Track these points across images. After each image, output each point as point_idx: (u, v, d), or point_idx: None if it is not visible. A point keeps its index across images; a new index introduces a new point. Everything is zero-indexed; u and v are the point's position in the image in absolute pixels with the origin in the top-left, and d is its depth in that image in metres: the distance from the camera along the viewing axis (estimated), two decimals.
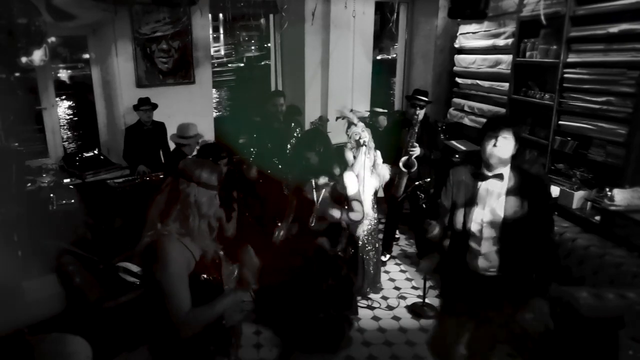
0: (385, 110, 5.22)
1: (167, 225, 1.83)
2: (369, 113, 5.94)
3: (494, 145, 2.35)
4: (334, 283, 3.20)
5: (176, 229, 1.83)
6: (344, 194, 3.25)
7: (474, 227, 2.47)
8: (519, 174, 2.45)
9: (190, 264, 1.84)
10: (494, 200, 2.44)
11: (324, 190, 3.18)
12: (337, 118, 4.18)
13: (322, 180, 3.15)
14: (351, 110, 4.40)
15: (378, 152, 4.03)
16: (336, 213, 3.14)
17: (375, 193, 4.07)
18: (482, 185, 2.46)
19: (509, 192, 2.42)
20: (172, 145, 4.48)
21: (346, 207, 3.24)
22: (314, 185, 3.18)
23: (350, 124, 3.99)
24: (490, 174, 2.43)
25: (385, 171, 4.00)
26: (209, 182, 1.86)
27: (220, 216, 2.06)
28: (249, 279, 1.93)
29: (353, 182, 3.33)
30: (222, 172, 1.97)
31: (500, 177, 2.42)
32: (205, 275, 1.91)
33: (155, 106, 4.75)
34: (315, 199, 3.13)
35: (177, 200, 1.83)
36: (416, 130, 4.20)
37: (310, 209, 3.08)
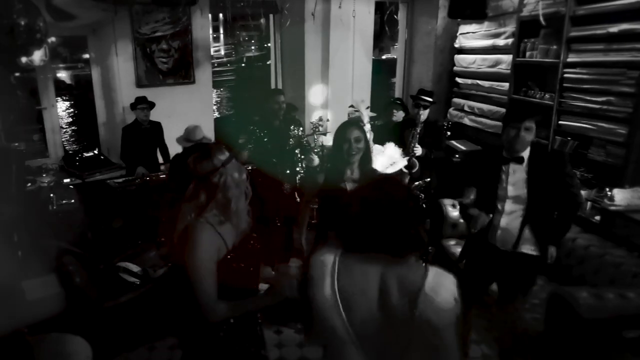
0: (403, 105, 5.06)
1: (205, 217, 1.83)
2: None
3: (517, 135, 2.59)
4: None
5: (214, 217, 1.83)
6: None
7: (498, 204, 2.73)
8: (538, 154, 2.69)
9: (221, 252, 1.83)
10: (515, 179, 2.68)
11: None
12: (351, 106, 4.16)
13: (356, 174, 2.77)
14: (368, 108, 4.38)
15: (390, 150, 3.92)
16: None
17: None
18: (504, 167, 2.71)
19: (530, 172, 2.66)
20: (171, 143, 4.47)
21: None
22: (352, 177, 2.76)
23: (359, 121, 3.97)
24: (510, 157, 2.68)
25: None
26: (227, 157, 1.86)
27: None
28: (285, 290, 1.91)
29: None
30: (221, 142, 1.94)
31: (520, 160, 2.66)
32: (241, 263, 1.90)
33: (152, 105, 4.74)
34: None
35: (216, 192, 1.83)
36: (418, 131, 4.18)
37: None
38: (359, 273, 1.43)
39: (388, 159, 3.81)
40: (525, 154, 2.68)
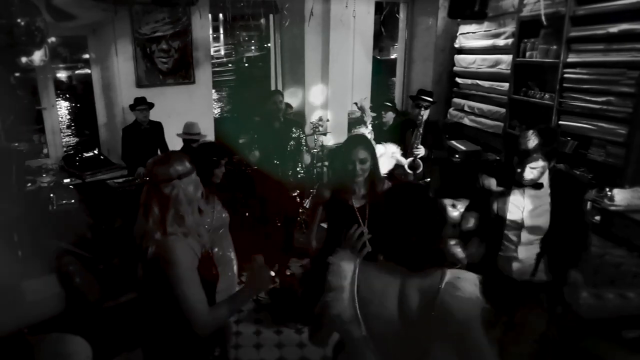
0: (396, 108, 5.09)
1: (169, 232, 1.78)
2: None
3: (522, 171, 2.27)
4: None
5: (178, 230, 1.80)
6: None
7: (510, 233, 2.43)
8: (559, 179, 2.38)
9: (195, 263, 1.81)
10: (534, 207, 2.37)
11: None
12: (355, 103, 4.16)
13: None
14: (370, 107, 4.39)
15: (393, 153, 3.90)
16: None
17: None
18: (518, 192, 2.39)
19: (552, 199, 2.35)
20: (171, 143, 4.48)
21: None
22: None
23: (361, 121, 3.96)
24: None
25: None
26: (187, 170, 1.82)
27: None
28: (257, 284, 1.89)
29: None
30: (188, 155, 1.91)
31: (539, 186, 2.35)
32: (203, 270, 1.90)
33: (151, 105, 4.75)
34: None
35: (169, 204, 1.79)
36: (421, 131, 4.17)
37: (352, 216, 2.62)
38: (378, 283, 1.40)
39: (388, 158, 3.81)
40: (544, 179, 2.35)
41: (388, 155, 3.82)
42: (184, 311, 1.74)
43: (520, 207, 2.38)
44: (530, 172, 2.28)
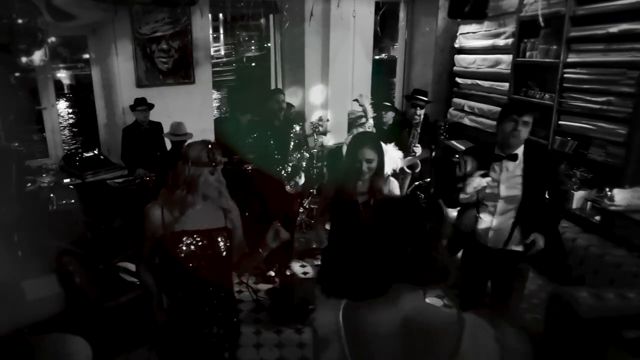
0: (396, 107, 5.07)
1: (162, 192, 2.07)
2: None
3: (514, 129, 2.51)
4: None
5: (165, 196, 2.03)
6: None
7: (488, 203, 2.66)
8: (532, 153, 2.61)
9: (165, 217, 2.01)
10: (508, 178, 2.60)
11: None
12: (355, 100, 4.17)
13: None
14: (371, 103, 4.38)
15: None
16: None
17: None
18: (496, 165, 2.62)
19: (525, 170, 2.59)
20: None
21: None
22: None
23: (362, 117, 3.96)
24: (504, 154, 2.60)
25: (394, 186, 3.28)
26: (199, 160, 1.97)
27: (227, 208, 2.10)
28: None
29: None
30: (215, 152, 2.03)
31: (514, 157, 2.59)
32: (202, 262, 2.01)
33: (151, 106, 4.76)
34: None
35: (177, 178, 2.00)
36: (418, 131, 4.18)
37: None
38: (370, 328, 1.18)
39: (391, 158, 3.76)
40: (520, 151, 2.60)
41: (390, 156, 3.79)
42: None
43: (496, 179, 2.61)
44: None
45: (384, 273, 1.23)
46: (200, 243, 2.00)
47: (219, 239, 2.03)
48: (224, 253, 2.04)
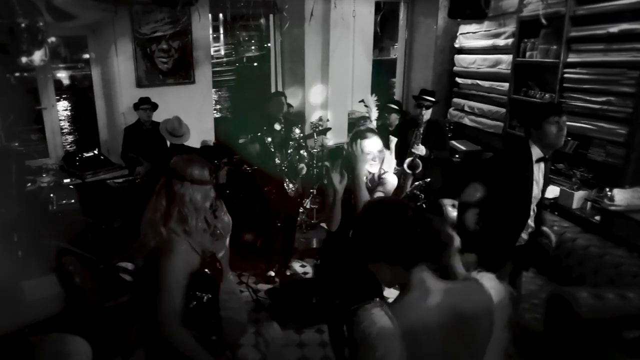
0: (399, 109, 5.07)
1: (171, 227, 1.83)
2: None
3: (560, 129, 2.58)
4: None
5: (180, 229, 1.84)
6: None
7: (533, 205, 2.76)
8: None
9: (195, 265, 1.85)
10: (540, 178, 2.74)
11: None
12: (360, 101, 4.16)
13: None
14: (377, 105, 4.39)
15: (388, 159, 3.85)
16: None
17: None
18: (536, 167, 2.70)
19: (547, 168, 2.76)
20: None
21: None
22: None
23: (366, 117, 3.95)
24: (546, 156, 2.71)
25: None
26: (202, 179, 1.87)
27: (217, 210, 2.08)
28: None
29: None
30: (211, 166, 1.97)
31: (546, 159, 2.72)
32: (208, 270, 1.93)
33: (155, 106, 4.76)
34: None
35: (174, 201, 1.85)
36: (421, 131, 4.16)
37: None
38: (420, 323, 1.18)
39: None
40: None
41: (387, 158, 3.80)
42: (157, 303, 1.76)
43: (537, 180, 2.72)
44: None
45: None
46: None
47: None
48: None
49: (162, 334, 1.79)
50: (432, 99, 4.29)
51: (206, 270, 1.92)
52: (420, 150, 4.12)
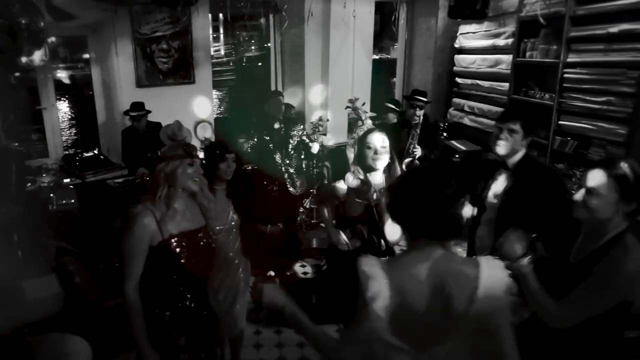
0: (397, 108, 5.09)
1: (142, 200, 2.02)
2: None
3: (499, 137, 2.46)
4: None
5: (157, 205, 1.99)
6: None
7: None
8: (528, 165, 2.51)
9: (155, 238, 1.95)
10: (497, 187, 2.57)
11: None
12: (347, 107, 4.17)
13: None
14: (363, 104, 4.38)
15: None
16: None
17: None
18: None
19: (514, 182, 2.49)
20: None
21: None
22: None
23: (358, 119, 3.95)
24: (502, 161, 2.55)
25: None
26: (175, 153, 2.04)
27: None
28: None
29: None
30: (188, 145, 2.14)
31: (505, 165, 2.54)
32: (192, 259, 2.02)
33: (147, 112, 4.70)
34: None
35: (157, 177, 2.03)
36: (417, 132, 4.17)
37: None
38: (408, 278, 1.37)
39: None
40: (512, 161, 2.50)
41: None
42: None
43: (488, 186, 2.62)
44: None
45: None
46: (185, 244, 2.02)
47: (201, 238, 2.09)
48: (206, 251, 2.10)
49: (124, 304, 1.95)
50: (425, 99, 4.29)
51: (191, 259, 2.01)
52: (417, 150, 4.13)
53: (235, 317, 2.84)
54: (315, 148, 4.43)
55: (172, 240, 1.99)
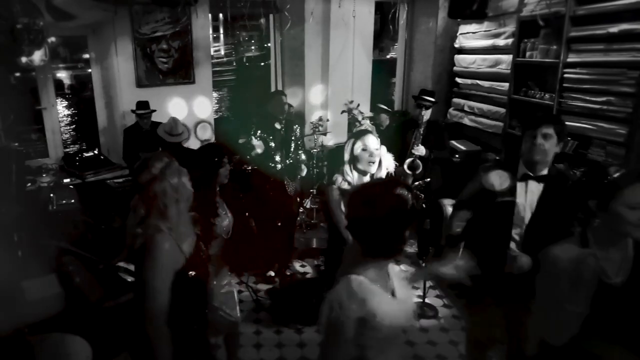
0: (389, 109, 5.14)
1: (152, 223, 1.86)
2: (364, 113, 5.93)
3: (533, 144, 2.30)
4: None
5: (163, 225, 1.86)
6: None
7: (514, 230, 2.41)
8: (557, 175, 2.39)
9: (179, 263, 1.87)
10: (533, 202, 2.38)
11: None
12: (343, 112, 4.17)
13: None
14: (358, 106, 4.38)
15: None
16: None
17: None
18: (522, 187, 2.39)
19: (547, 194, 2.35)
20: None
21: None
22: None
23: (355, 121, 3.95)
24: (532, 174, 2.38)
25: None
26: (166, 164, 1.90)
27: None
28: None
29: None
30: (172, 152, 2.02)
31: (541, 178, 2.38)
32: (191, 272, 1.95)
33: (152, 111, 4.73)
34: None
35: (155, 201, 1.87)
36: (422, 132, 4.16)
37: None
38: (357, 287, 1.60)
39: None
40: (543, 169, 2.37)
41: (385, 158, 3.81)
42: (144, 301, 1.80)
43: (523, 201, 2.37)
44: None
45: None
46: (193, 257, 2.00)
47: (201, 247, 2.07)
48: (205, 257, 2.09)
49: (147, 332, 1.82)
50: (432, 100, 4.29)
51: (193, 271, 1.94)
52: (420, 150, 4.12)
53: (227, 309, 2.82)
54: (303, 171, 4.44)
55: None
